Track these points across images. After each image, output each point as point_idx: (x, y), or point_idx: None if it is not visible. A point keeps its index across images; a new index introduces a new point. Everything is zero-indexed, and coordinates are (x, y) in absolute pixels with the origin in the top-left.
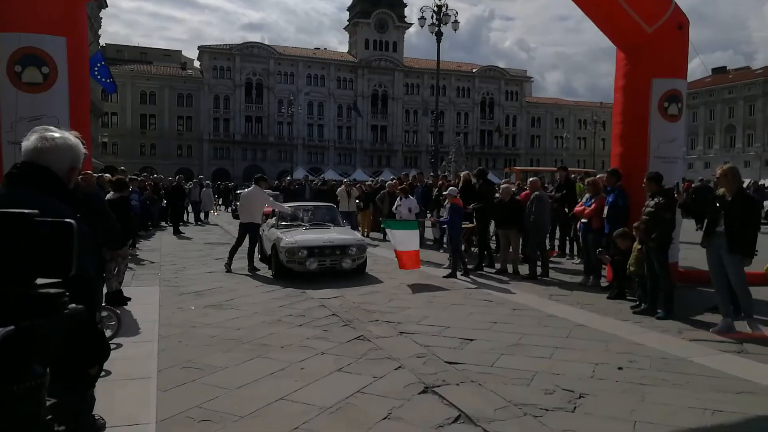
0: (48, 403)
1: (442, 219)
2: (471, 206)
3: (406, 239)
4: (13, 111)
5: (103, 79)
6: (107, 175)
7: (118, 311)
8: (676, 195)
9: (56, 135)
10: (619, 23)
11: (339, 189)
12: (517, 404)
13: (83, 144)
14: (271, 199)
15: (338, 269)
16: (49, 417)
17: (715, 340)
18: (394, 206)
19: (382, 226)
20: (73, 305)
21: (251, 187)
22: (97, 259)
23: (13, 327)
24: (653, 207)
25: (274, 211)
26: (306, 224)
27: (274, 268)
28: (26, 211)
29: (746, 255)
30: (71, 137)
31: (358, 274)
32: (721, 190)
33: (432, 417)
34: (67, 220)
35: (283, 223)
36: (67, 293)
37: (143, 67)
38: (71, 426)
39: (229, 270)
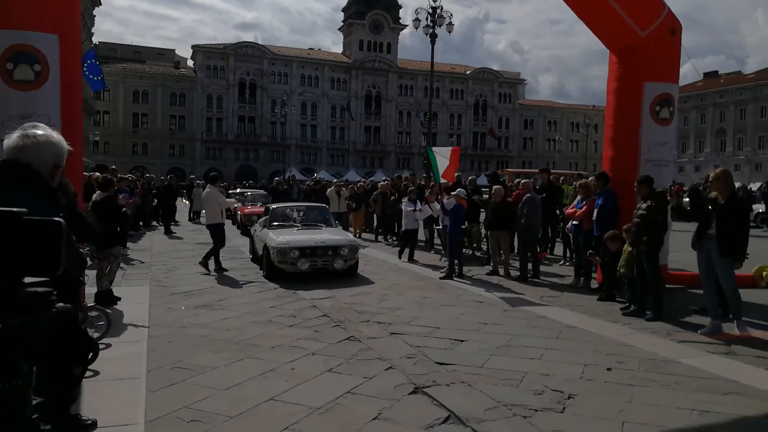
0: (34, 402)
1: (447, 225)
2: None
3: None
4: (3, 109)
5: (92, 77)
6: (97, 174)
7: (108, 311)
8: (669, 198)
9: (38, 132)
10: (613, 27)
11: (329, 190)
12: (506, 405)
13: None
14: (223, 197)
15: (330, 270)
16: (35, 416)
17: (703, 341)
18: (405, 206)
19: (425, 153)
20: (61, 304)
21: (207, 189)
22: (77, 258)
23: (0, 325)
24: (645, 210)
25: (266, 209)
26: (298, 225)
27: (266, 269)
28: (15, 209)
29: (737, 258)
30: (54, 134)
31: (349, 274)
32: (713, 194)
33: (422, 417)
34: (56, 218)
35: (275, 223)
36: (55, 292)
37: (136, 65)
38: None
39: (218, 271)
